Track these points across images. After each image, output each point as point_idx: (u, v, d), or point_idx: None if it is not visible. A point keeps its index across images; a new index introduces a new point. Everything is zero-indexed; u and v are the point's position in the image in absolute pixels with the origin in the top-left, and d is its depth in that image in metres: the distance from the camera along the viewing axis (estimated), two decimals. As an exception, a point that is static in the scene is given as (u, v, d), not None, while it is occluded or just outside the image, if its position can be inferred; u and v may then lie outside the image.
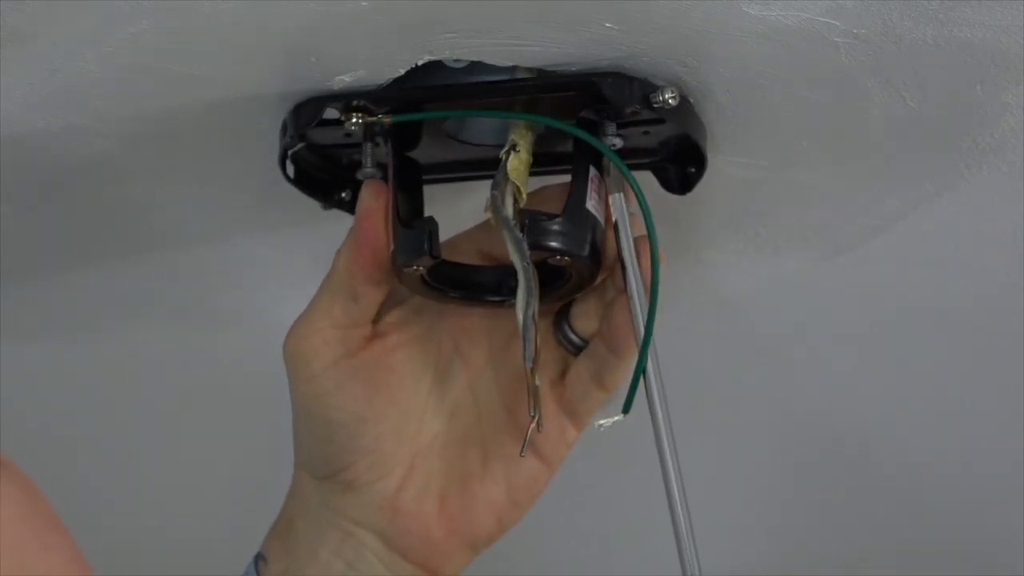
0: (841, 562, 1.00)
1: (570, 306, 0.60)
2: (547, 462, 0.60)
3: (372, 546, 0.60)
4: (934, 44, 0.55)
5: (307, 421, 0.60)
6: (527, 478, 0.60)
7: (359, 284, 0.58)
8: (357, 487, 0.59)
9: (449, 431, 0.61)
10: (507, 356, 0.61)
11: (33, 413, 0.88)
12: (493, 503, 0.60)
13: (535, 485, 0.60)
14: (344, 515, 0.60)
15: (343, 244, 0.59)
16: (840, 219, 0.71)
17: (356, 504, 0.59)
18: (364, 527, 0.60)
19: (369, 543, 0.60)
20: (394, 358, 0.60)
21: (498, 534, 0.60)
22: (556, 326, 0.60)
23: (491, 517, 0.60)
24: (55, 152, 0.61)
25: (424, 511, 0.60)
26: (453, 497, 0.60)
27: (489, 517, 0.60)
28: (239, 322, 0.81)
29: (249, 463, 0.92)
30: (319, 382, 0.59)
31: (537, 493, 0.60)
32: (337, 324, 0.59)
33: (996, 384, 0.84)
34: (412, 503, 0.60)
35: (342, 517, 0.60)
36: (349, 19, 0.52)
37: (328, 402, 0.59)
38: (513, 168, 0.57)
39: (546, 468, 0.60)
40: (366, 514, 0.59)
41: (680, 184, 0.62)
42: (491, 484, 0.60)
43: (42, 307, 0.79)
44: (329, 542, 0.60)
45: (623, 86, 0.55)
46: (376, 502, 0.59)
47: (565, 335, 0.60)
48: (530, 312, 0.56)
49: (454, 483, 0.60)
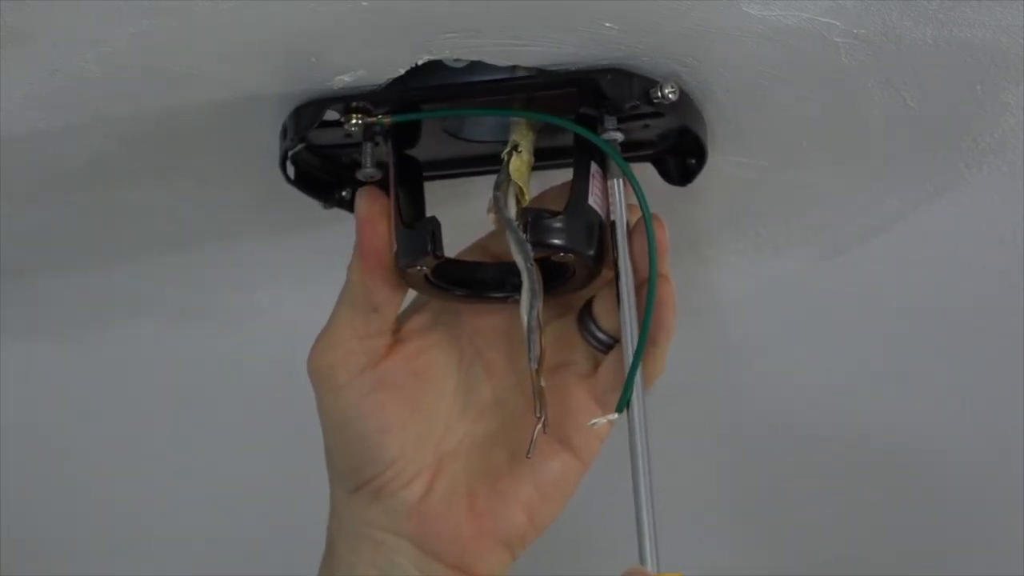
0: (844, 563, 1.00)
1: (591, 304, 0.60)
2: (579, 456, 0.60)
3: (406, 552, 0.59)
4: (934, 44, 0.55)
5: (335, 434, 0.60)
6: (557, 474, 0.60)
7: (373, 292, 0.58)
8: (385, 495, 0.59)
9: (475, 433, 0.61)
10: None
11: (33, 413, 0.88)
12: (523, 500, 0.59)
13: (566, 480, 0.60)
14: (375, 525, 0.60)
15: (352, 256, 0.59)
16: (840, 219, 0.71)
17: (385, 512, 0.59)
18: (395, 534, 0.60)
19: (402, 549, 0.59)
20: (417, 364, 0.60)
21: (532, 532, 0.60)
22: (581, 324, 0.60)
23: (522, 514, 0.60)
24: (55, 152, 0.61)
25: (453, 512, 0.59)
26: (481, 496, 0.60)
27: (519, 514, 0.60)
28: (239, 322, 0.81)
29: (249, 463, 0.92)
30: (344, 394, 0.59)
31: (570, 488, 0.60)
32: (358, 335, 0.59)
33: (996, 384, 0.84)
34: (440, 505, 0.59)
35: (373, 527, 0.60)
36: (349, 19, 0.52)
37: (354, 412, 0.59)
38: (515, 168, 0.57)
39: (578, 462, 0.60)
40: (395, 521, 0.59)
41: (680, 176, 0.62)
42: (520, 481, 0.60)
43: (42, 307, 0.79)
44: (364, 554, 0.60)
45: (623, 82, 0.55)
46: (404, 508, 0.59)
47: (592, 334, 0.60)
48: (534, 313, 0.56)
49: (482, 482, 0.60)
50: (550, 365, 0.58)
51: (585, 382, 0.60)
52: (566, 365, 0.60)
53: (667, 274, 0.56)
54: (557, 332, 0.61)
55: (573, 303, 0.61)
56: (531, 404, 0.57)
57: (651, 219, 0.55)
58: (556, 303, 0.60)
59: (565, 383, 0.60)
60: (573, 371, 0.60)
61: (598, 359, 0.60)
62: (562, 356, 0.60)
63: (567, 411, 0.59)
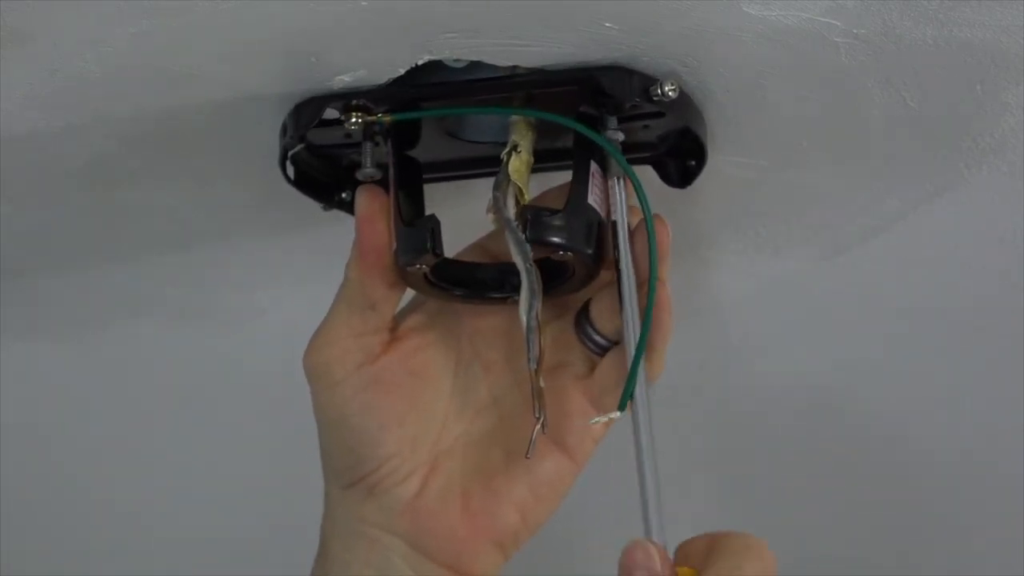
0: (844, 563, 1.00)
1: (588, 306, 0.60)
2: (573, 457, 0.60)
3: (399, 550, 0.59)
4: (934, 44, 0.55)
5: (330, 430, 0.60)
6: (552, 474, 0.60)
7: (371, 290, 0.58)
8: (379, 492, 0.59)
9: (471, 432, 0.61)
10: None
11: (33, 413, 0.89)
12: (517, 499, 0.60)
13: (560, 481, 0.60)
14: (369, 522, 0.60)
15: (350, 254, 0.59)
16: (840, 219, 0.71)
17: (379, 509, 0.59)
18: (389, 532, 0.60)
19: (395, 547, 0.59)
20: (414, 362, 0.60)
21: (525, 532, 0.60)
22: (579, 327, 0.60)
23: (515, 514, 0.60)
24: (55, 152, 0.61)
25: (447, 510, 0.60)
26: (476, 495, 0.60)
27: (513, 514, 0.60)
28: (239, 322, 0.81)
29: (249, 463, 0.92)
30: (340, 390, 0.59)
31: (563, 489, 0.60)
32: (355, 333, 0.59)
33: (996, 384, 0.84)
34: (434, 503, 0.60)
35: (367, 524, 0.60)
36: (349, 19, 0.52)
37: (350, 409, 0.59)
38: (514, 169, 0.57)
39: (572, 463, 0.60)
40: (389, 518, 0.59)
41: (680, 177, 0.62)
42: (514, 481, 0.60)
43: (42, 307, 0.79)
44: (358, 552, 0.60)
45: (623, 79, 0.55)
46: (399, 505, 0.59)
47: (589, 336, 0.60)
48: (533, 313, 0.56)
49: (476, 481, 0.60)
50: (547, 366, 0.58)
51: (581, 383, 0.60)
52: (563, 366, 0.60)
53: (664, 278, 0.56)
54: (555, 333, 0.61)
55: (571, 304, 0.61)
56: (528, 404, 0.57)
57: (651, 218, 0.55)
58: (554, 304, 0.60)
59: (561, 384, 0.60)
60: (569, 372, 0.60)
61: (594, 361, 0.60)
62: (559, 357, 0.60)
63: (562, 412, 0.59)
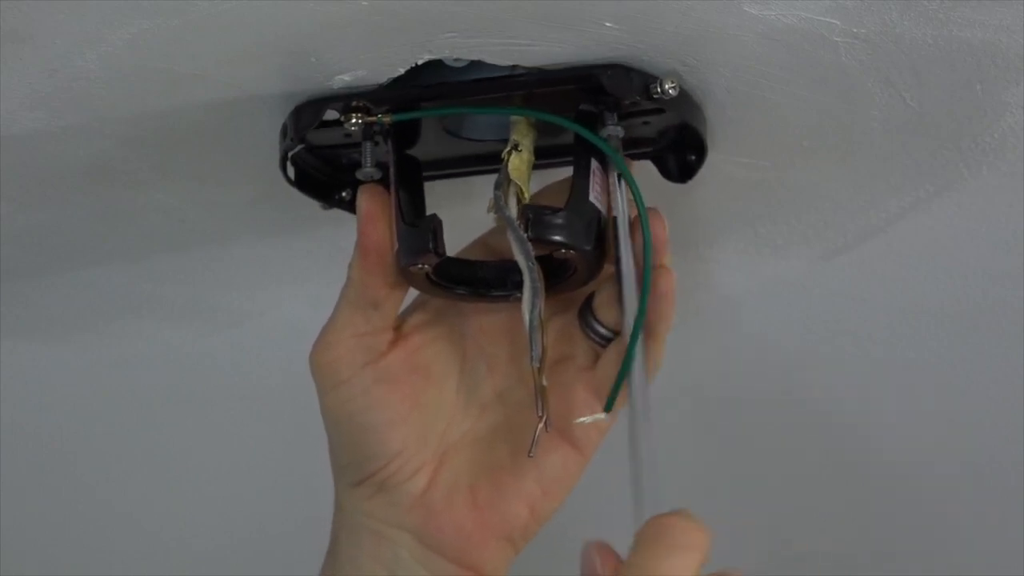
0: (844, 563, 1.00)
1: (592, 299, 0.60)
2: (579, 449, 0.60)
3: (407, 546, 0.60)
4: (934, 44, 0.55)
5: (337, 429, 0.60)
6: (559, 467, 0.60)
7: (374, 289, 0.59)
8: (388, 488, 0.60)
9: (477, 428, 0.62)
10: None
11: (33, 413, 0.89)
12: (525, 494, 0.60)
13: (567, 474, 0.60)
14: (377, 518, 0.60)
15: (353, 254, 0.59)
16: (840, 219, 0.71)
17: (387, 505, 0.60)
18: (397, 528, 0.60)
19: (404, 543, 0.60)
20: (418, 360, 0.61)
21: (534, 526, 0.60)
22: (582, 319, 0.60)
23: (524, 508, 0.60)
24: (55, 152, 0.61)
25: (455, 506, 0.60)
26: (483, 489, 0.60)
27: (522, 508, 0.60)
28: (239, 322, 0.81)
29: (249, 462, 0.92)
30: (346, 389, 0.59)
31: (571, 482, 0.60)
32: (359, 332, 0.59)
33: (996, 384, 0.84)
34: (442, 499, 0.60)
35: (376, 520, 0.60)
36: (349, 19, 0.52)
37: (356, 406, 0.59)
38: (515, 168, 0.57)
39: (579, 455, 0.60)
40: (398, 514, 0.60)
41: (680, 172, 0.62)
42: (521, 476, 0.60)
43: (42, 307, 0.79)
44: (366, 548, 0.60)
45: (623, 77, 0.55)
46: (407, 501, 0.60)
47: (592, 328, 0.60)
48: (536, 312, 0.56)
49: (484, 476, 0.60)
50: (551, 360, 0.59)
51: (585, 376, 0.60)
52: (567, 359, 0.60)
53: (668, 265, 0.56)
54: (558, 327, 0.61)
55: (575, 298, 0.61)
56: (533, 400, 0.57)
57: (646, 213, 0.55)
58: (558, 299, 0.60)
59: (566, 377, 0.60)
60: (574, 365, 0.60)
61: (598, 354, 0.60)
62: (563, 350, 0.61)
63: (567, 405, 0.59)
